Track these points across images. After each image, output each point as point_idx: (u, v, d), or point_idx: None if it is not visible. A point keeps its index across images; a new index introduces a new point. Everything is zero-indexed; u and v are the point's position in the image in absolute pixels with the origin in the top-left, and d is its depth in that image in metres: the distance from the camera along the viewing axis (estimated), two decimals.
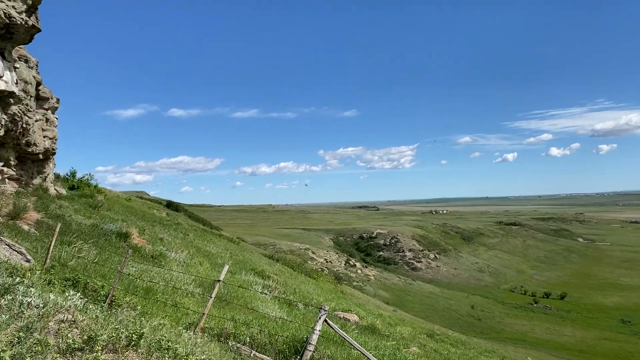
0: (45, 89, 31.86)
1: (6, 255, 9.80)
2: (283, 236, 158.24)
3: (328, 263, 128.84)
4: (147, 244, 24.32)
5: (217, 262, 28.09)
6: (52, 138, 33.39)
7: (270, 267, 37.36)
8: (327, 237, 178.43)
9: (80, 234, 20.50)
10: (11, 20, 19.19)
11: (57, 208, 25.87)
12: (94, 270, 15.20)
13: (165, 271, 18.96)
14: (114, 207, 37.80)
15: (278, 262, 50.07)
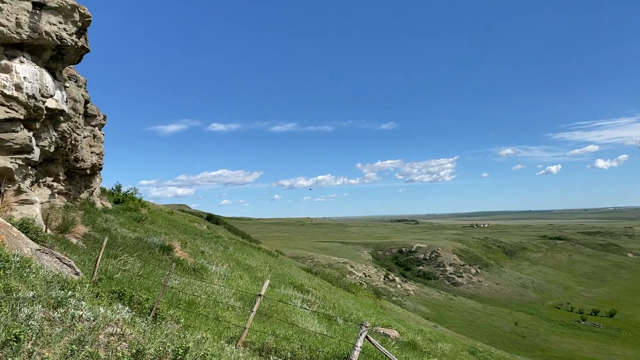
0: (93, 106, 33.08)
1: (57, 269, 10.15)
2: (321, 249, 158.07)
3: (367, 277, 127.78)
4: (189, 257, 24.74)
5: (256, 276, 28.28)
6: (99, 154, 34.54)
7: (309, 281, 37.33)
8: (366, 250, 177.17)
9: (125, 247, 21.07)
10: (62, 41, 20.06)
11: (103, 222, 26.68)
12: (139, 283, 15.57)
13: (207, 284, 19.22)
14: (157, 220, 38.69)
15: (317, 275, 49.99)
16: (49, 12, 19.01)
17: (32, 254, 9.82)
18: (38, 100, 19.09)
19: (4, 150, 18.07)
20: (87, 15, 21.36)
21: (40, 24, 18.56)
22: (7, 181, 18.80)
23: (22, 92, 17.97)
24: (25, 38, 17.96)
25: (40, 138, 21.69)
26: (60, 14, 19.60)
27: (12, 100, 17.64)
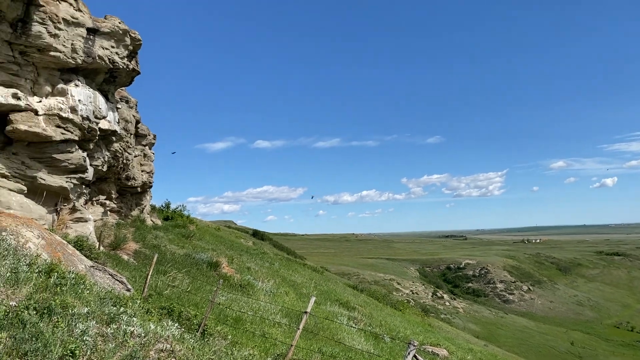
0: (143, 126, 34.19)
1: (110, 285, 10.43)
2: (367, 266, 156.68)
3: (414, 294, 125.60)
4: (235, 273, 24.98)
5: (302, 292, 28.23)
6: (149, 172, 35.59)
7: (355, 298, 36.98)
8: (413, 267, 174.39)
9: (174, 264, 21.49)
10: (114, 65, 20.88)
11: (153, 238, 27.35)
12: (187, 299, 15.80)
13: (253, 301, 19.31)
14: (205, 236, 39.36)
15: (363, 292, 49.51)
16: (102, 37, 19.85)
17: (87, 270, 10.12)
18: (92, 122, 19.87)
19: (60, 170, 18.85)
20: (138, 39, 22.19)
21: (94, 49, 19.39)
22: (63, 200, 19.57)
23: (77, 115, 18.75)
24: (80, 63, 18.79)
25: (93, 158, 22.53)
26: (112, 39, 20.44)
27: (68, 122, 18.43)
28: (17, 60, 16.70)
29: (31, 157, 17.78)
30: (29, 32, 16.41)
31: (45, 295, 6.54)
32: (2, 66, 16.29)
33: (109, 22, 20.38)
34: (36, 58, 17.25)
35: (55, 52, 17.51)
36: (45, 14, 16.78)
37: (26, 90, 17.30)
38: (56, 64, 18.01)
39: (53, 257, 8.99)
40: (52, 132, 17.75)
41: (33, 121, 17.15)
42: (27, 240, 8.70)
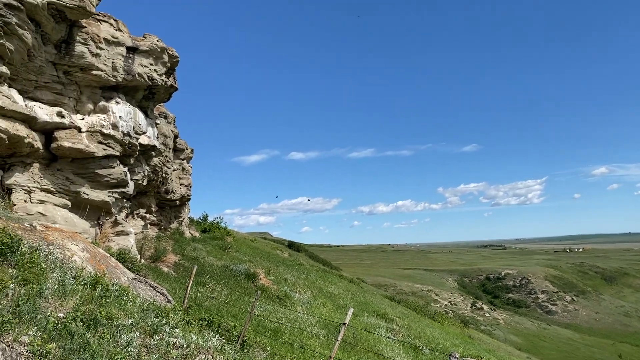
0: (181, 141, 34.92)
1: (151, 297, 10.63)
2: (404, 277, 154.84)
3: (453, 305, 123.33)
4: (272, 284, 25.10)
5: (339, 304, 28.12)
6: (187, 185, 36.27)
7: (393, 310, 36.58)
8: (451, 278, 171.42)
9: (212, 275, 21.75)
10: (153, 82, 21.44)
11: (192, 250, 27.80)
12: (226, 310, 15.95)
13: (291, 312, 19.34)
14: (242, 248, 39.75)
15: (400, 304, 48.95)
16: (141, 55, 20.44)
17: (129, 282, 10.36)
18: (132, 137, 20.42)
19: (102, 185, 19.41)
20: (175, 56, 22.74)
21: (133, 67, 19.98)
22: (105, 214, 20.13)
23: (118, 131, 19.32)
24: (120, 80, 19.39)
25: (134, 172, 23.12)
26: (151, 56, 21.02)
27: (109, 139, 19.00)
28: (61, 79, 17.35)
29: (75, 172, 18.38)
30: (72, 53, 17.05)
31: (91, 307, 6.72)
32: (47, 86, 16.95)
33: (147, 40, 20.97)
34: (79, 77, 17.89)
35: (97, 71, 18.13)
36: (87, 35, 17.42)
37: (70, 109, 17.94)
38: (98, 82, 18.64)
39: (97, 269, 9.24)
40: (95, 148, 18.32)
41: (76, 138, 17.75)
42: (72, 254, 8.98)
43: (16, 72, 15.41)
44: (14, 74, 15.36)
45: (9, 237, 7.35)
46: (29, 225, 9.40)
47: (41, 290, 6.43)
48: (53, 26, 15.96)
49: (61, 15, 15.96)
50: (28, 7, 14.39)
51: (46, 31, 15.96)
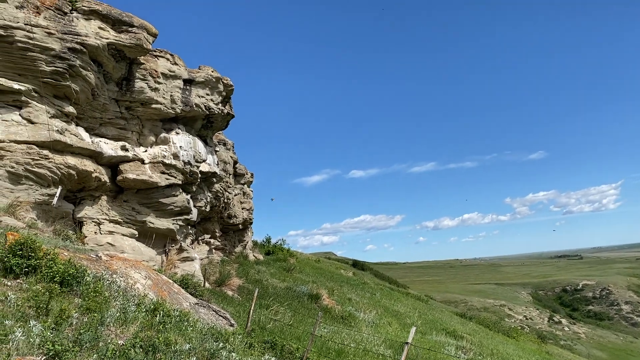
0: (241, 166, 35.75)
1: (213, 321, 10.80)
2: (474, 292, 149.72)
3: (528, 320, 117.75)
4: (336, 304, 24.93)
5: (406, 322, 27.50)
6: (249, 209, 36.97)
7: (463, 327, 35.35)
8: (524, 291, 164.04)
9: (276, 297, 21.89)
10: (210, 111, 22.16)
11: (255, 273, 28.16)
12: (290, 332, 15.96)
13: (355, 332, 19.08)
14: (305, 269, 39.86)
15: (471, 320, 47.25)
16: (197, 86, 21.21)
17: (191, 307, 10.58)
18: (193, 166, 21.11)
19: (166, 213, 20.12)
20: (230, 84, 23.44)
21: (190, 98, 20.75)
22: (171, 241, 20.81)
23: (179, 160, 20.04)
24: (179, 112, 20.17)
25: (197, 199, 23.83)
26: (207, 87, 21.77)
27: (171, 168, 19.73)
28: (123, 115, 18.27)
29: (140, 202, 19.18)
30: (132, 89, 17.95)
31: (150, 333, 6.89)
32: (111, 121, 17.89)
33: (202, 71, 21.76)
34: (140, 111, 18.77)
35: (156, 105, 18.97)
36: (146, 71, 18.30)
37: (133, 142, 18.82)
38: (158, 115, 19.48)
39: (159, 296, 9.51)
40: (158, 178, 19.06)
41: (140, 169, 18.55)
42: (135, 282, 9.30)
43: (82, 110, 16.37)
44: (80, 113, 16.32)
45: (74, 268, 7.71)
46: (94, 256, 9.84)
47: (103, 318, 6.67)
48: (114, 65, 16.89)
49: (120, 55, 16.87)
50: (90, 49, 15.32)
51: (107, 70, 16.90)
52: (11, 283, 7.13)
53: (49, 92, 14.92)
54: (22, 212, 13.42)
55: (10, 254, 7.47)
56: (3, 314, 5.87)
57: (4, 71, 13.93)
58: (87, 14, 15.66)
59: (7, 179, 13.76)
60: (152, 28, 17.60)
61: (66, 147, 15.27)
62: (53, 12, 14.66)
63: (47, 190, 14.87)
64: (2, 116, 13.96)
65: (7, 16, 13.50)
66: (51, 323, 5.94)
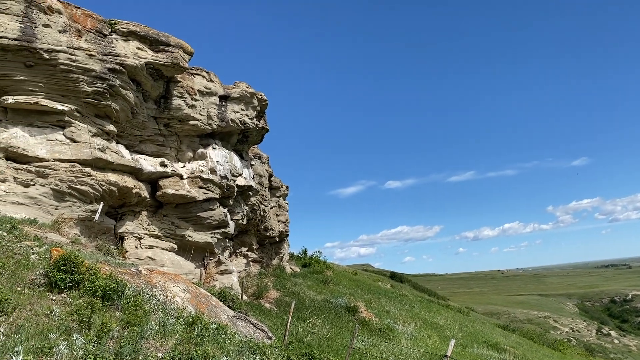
0: (276, 179, 36.04)
1: (250, 334, 10.87)
2: (517, 304, 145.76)
3: (575, 332, 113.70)
4: (374, 317, 24.70)
5: (446, 335, 26.98)
6: (284, 221, 37.16)
7: (506, 339, 34.45)
8: (570, 302, 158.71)
9: (313, 310, 21.86)
10: (245, 126, 22.49)
11: (292, 285, 28.21)
12: (327, 345, 15.89)
13: (394, 345, 18.86)
14: (342, 281, 39.68)
15: (514, 332, 45.98)
16: (233, 102, 21.59)
17: (229, 320, 10.68)
18: (229, 180, 21.43)
19: (204, 226, 20.45)
20: (264, 99, 23.76)
21: (226, 114, 21.13)
22: (209, 254, 21.11)
23: (216, 175, 20.38)
24: (215, 127, 20.56)
25: (234, 213, 24.14)
26: (241, 102, 22.13)
27: (208, 183, 20.08)
28: (162, 132, 18.75)
29: (179, 217, 19.57)
30: (170, 106, 18.42)
31: (189, 346, 7.00)
32: (150, 139, 18.38)
33: (237, 87, 22.15)
34: (177, 128, 19.22)
35: (193, 121, 19.40)
36: (183, 88, 18.75)
37: (171, 158, 19.27)
38: (195, 131, 19.90)
39: (197, 309, 9.65)
40: (196, 192, 19.43)
41: (179, 185, 18.95)
42: (174, 295, 9.46)
43: (122, 128, 16.89)
44: (121, 131, 16.84)
45: (115, 282, 7.93)
46: (134, 270, 10.08)
47: (142, 332, 6.81)
48: (152, 84, 17.38)
49: (158, 73, 17.37)
50: (129, 69, 15.83)
51: (146, 89, 17.41)
52: (56, 297, 7.37)
53: (91, 111, 15.48)
54: (66, 228, 13.88)
55: (55, 269, 7.74)
56: (48, 328, 6.07)
57: (49, 93, 14.54)
58: (126, 35, 16.21)
59: (52, 196, 14.29)
60: (188, 47, 18.06)
61: (107, 165, 15.77)
62: (94, 34, 15.25)
63: (90, 207, 15.36)
64: (46, 136, 14.55)
65: (51, 40, 14.11)
66: (93, 336, 6.11)
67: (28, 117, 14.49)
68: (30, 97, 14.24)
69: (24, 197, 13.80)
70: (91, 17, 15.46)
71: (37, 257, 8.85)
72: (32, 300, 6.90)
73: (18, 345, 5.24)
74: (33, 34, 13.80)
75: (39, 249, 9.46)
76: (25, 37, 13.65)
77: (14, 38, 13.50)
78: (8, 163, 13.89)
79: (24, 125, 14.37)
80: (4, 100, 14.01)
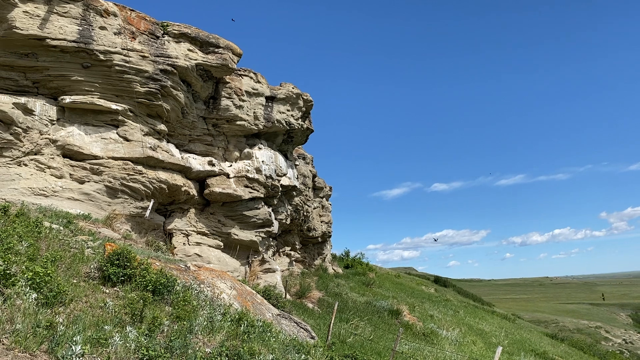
0: (320, 180, 36.14)
1: (294, 332, 10.93)
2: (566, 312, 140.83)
3: (628, 344, 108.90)
4: (417, 321, 24.39)
5: (491, 342, 26.36)
6: (327, 222, 37.21)
7: (554, 348, 33.36)
8: (623, 313, 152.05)
9: (355, 311, 21.78)
10: (290, 126, 22.65)
11: (335, 286, 28.20)
12: (370, 347, 15.80)
13: (438, 350, 18.56)
14: (385, 283, 39.41)
15: (563, 342, 44.49)
16: (279, 102, 21.79)
17: (273, 318, 10.77)
18: (274, 180, 21.64)
19: (249, 225, 20.72)
20: (310, 100, 23.87)
21: (272, 114, 21.35)
22: (253, 253, 21.37)
23: (261, 174, 20.62)
24: (261, 128, 20.80)
25: (278, 212, 24.36)
26: (287, 103, 22.31)
27: (254, 182, 20.34)
28: (210, 132, 19.13)
29: (225, 215, 19.90)
30: (218, 107, 18.77)
31: (235, 342, 7.09)
32: (199, 138, 18.78)
33: (283, 88, 22.34)
34: (225, 128, 19.56)
35: (240, 122, 19.70)
36: (231, 89, 19.07)
37: (219, 157, 19.63)
38: (242, 131, 20.20)
39: (243, 306, 9.77)
40: (242, 191, 19.72)
41: (226, 183, 19.28)
42: (221, 292, 9.62)
43: (172, 128, 17.32)
44: (171, 130, 17.28)
45: (165, 278, 8.12)
46: (183, 266, 10.31)
47: (191, 327, 6.95)
48: (201, 85, 17.76)
49: (208, 74, 17.72)
50: (180, 70, 16.22)
51: (196, 90, 17.80)
52: (109, 290, 7.62)
53: (143, 111, 15.95)
54: (118, 223, 14.36)
55: (109, 263, 8.00)
56: (103, 320, 6.28)
57: (103, 93, 15.08)
58: (177, 37, 16.63)
59: (105, 192, 14.80)
60: (237, 48, 18.35)
61: (158, 163, 16.21)
62: (147, 36, 15.71)
63: (141, 204, 15.82)
64: (101, 134, 15.08)
65: (106, 42, 14.62)
66: (145, 329, 6.28)
67: (84, 116, 15.06)
68: (87, 96, 14.80)
69: (79, 193, 14.35)
70: (144, 19, 15.93)
71: (91, 251, 9.17)
72: (87, 292, 7.16)
73: (76, 335, 5.44)
74: (90, 36, 14.34)
75: (93, 243, 9.80)
76: (82, 39, 14.20)
77: (72, 40, 14.06)
78: (65, 160, 14.48)
79: (80, 124, 14.95)
80: (62, 99, 14.61)
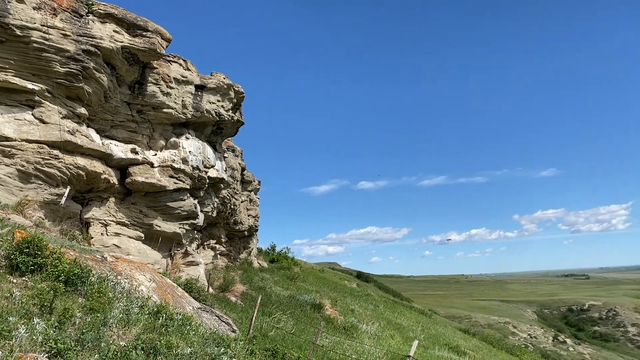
0: (249, 173, 35.83)
1: (215, 326, 10.80)
2: (479, 308, 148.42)
3: (532, 339, 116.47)
4: (339, 315, 24.83)
5: (408, 336, 27.30)
6: (255, 216, 36.99)
7: (466, 342, 35.06)
8: (530, 309, 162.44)
9: (279, 305, 21.85)
10: (220, 117, 22.27)
11: (259, 280, 28.12)
12: (291, 341, 15.91)
13: (357, 344, 18.99)
14: (309, 278, 39.73)
15: (475, 336, 46.86)
16: (209, 92, 21.34)
17: (194, 312, 10.58)
18: (201, 171, 21.20)
19: (173, 217, 20.18)
20: (241, 92, 23.56)
21: (201, 104, 20.88)
22: (176, 245, 20.85)
23: (188, 165, 20.12)
24: (189, 117, 20.29)
25: (204, 204, 23.90)
26: (218, 93, 21.90)
27: (180, 173, 19.82)
28: (135, 118, 18.41)
29: (148, 206, 19.26)
30: (144, 93, 18.09)
31: (152, 335, 6.90)
32: (122, 124, 18.03)
33: (214, 78, 21.90)
34: (151, 115, 18.90)
35: (167, 109, 19.10)
36: (159, 75, 18.45)
37: (143, 145, 18.94)
38: (169, 119, 19.61)
39: (163, 299, 9.52)
40: (166, 182, 19.15)
41: (149, 173, 18.65)
42: (139, 284, 9.32)
43: (94, 112, 16.52)
44: (92, 115, 16.47)
45: (79, 268, 7.75)
46: (99, 257, 9.88)
47: (106, 319, 6.69)
48: (127, 69, 17.04)
49: (134, 58, 17.03)
50: (104, 52, 15.49)
51: (120, 73, 17.06)
52: (17, 280, 7.18)
53: (62, 93, 15.08)
54: (30, 210, 13.51)
55: (17, 251, 7.53)
56: (7, 311, 5.91)
57: (19, 71, 14.11)
58: (103, 17, 15.85)
59: (17, 177, 13.89)
60: (167, 33, 17.77)
61: (76, 148, 15.40)
62: (69, 14, 14.86)
63: (56, 190, 14.98)
64: (14, 115, 14.12)
65: (24, 17, 13.69)
66: (54, 321, 5.97)
67: None
68: (0, 74, 13.80)
69: None
70: None
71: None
72: None
73: None
74: (5, 8, 13.36)
75: (1, 230, 9.18)
76: None
77: None
78: None
79: None
80: None
